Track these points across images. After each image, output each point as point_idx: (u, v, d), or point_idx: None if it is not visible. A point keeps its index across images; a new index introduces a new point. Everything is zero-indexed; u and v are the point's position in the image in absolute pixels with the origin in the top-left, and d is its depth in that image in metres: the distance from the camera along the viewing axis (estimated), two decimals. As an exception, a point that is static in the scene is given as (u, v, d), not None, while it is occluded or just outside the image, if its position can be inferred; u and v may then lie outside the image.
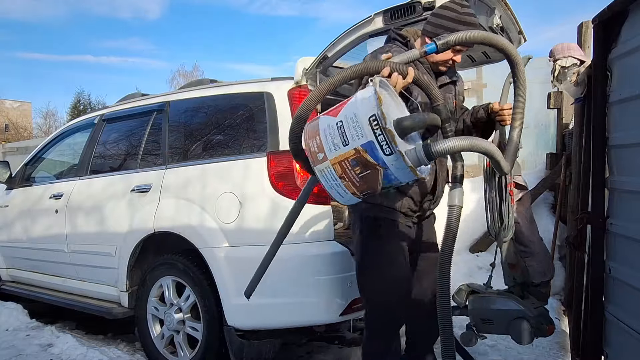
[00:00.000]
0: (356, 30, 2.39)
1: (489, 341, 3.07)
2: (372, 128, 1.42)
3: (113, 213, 3.11)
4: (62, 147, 4.11)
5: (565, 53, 2.61)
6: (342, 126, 1.49)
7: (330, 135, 1.51)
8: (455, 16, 1.91)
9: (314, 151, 1.55)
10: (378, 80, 1.53)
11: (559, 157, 4.31)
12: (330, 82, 1.61)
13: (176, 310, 2.77)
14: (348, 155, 1.47)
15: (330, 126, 1.52)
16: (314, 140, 1.56)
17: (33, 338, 3.34)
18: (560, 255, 4.08)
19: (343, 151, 1.48)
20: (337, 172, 1.51)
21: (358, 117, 1.46)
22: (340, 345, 3.26)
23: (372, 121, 1.43)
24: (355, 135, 1.46)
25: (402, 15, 2.25)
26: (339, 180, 1.52)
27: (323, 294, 2.39)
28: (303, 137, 1.62)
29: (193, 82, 3.55)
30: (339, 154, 1.49)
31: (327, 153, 1.51)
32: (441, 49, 1.68)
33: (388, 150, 1.42)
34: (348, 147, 1.47)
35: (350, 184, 1.52)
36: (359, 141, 1.45)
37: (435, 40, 1.67)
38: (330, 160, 1.51)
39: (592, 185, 2.21)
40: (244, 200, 2.49)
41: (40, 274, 3.82)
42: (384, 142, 1.42)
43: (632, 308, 1.84)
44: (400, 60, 1.69)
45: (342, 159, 1.49)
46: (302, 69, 2.53)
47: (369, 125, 1.43)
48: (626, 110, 1.94)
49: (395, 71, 1.63)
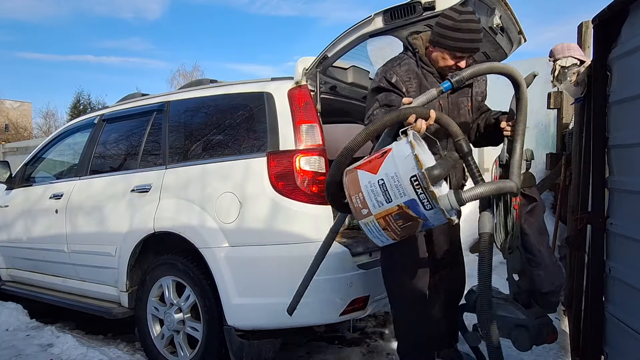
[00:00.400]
0: (356, 30, 2.39)
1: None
2: (414, 188, 1.61)
3: (113, 213, 3.11)
4: (62, 147, 4.11)
5: (565, 53, 2.61)
6: (384, 184, 1.66)
7: (373, 192, 1.68)
8: (452, 24, 2.01)
9: (357, 207, 1.71)
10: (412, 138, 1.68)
11: (559, 157, 4.31)
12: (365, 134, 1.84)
13: (176, 310, 2.77)
14: (391, 210, 1.65)
15: (372, 184, 1.69)
16: (357, 196, 1.71)
17: (33, 338, 3.34)
18: (560, 255, 4.08)
19: (386, 207, 1.65)
20: (380, 225, 1.69)
21: (399, 177, 1.63)
22: (340, 345, 3.26)
23: (413, 181, 1.61)
24: (398, 193, 1.64)
25: (402, 15, 2.25)
26: (382, 232, 1.70)
27: (323, 294, 2.39)
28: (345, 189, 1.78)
29: (193, 82, 3.55)
30: (382, 210, 1.66)
31: (371, 209, 1.68)
32: (456, 87, 1.86)
33: (429, 206, 1.62)
34: (391, 204, 1.65)
35: (392, 233, 1.70)
36: (401, 199, 1.63)
37: (450, 78, 1.85)
38: (374, 215, 1.68)
39: (592, 185, 2.21)
40: (244, 200, 2.49)
41: (40, 274, 3.82)
42: (425, 199, 1.61)
43: (632, 308, 1.84)
44: (420, 103, 1.84)
45: (386, 214, 1.66)
46: (302, 69, 2.53)
47: (411, 185, 1.61)
48: (626, 110, 1.94)
49: (419, 117, 1.78)
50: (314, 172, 2.42)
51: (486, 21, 2.44)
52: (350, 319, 2.67)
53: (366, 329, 3.53)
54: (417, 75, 2.16)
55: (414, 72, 2.17)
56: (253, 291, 2.46)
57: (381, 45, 2.92)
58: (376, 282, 2.59)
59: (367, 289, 2.52)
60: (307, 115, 2.48)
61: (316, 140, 2.45)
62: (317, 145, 2.45)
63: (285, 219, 2.39)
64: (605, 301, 2.11)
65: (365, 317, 2.99)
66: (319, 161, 2.44)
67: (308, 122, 2.47)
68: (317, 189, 2.41)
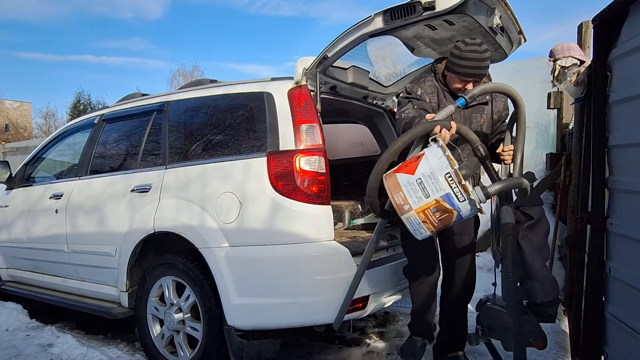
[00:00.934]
0: (356, 30, 2.39)
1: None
2: (448, 183, 1.90)
3: (113, 213, 3.11)
4: (62, 147, 4.11)
5: (565, 53, 2.61)
6: (421, 182, 1.94)
7: (412, 190, 1.95)
8: (458, 53, 2.36)
9: (399, 204, 1.98)
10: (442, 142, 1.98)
11: (559, 157, 4.31)
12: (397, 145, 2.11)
13: (176, 310, 2.76)
14: (430, 205, 1.92)
15: (411, 183, 1.96)
16: (398, 195, 1.98)
17: (33, 338, 3.34)
18: (560, 255, 4.08)
19: (425, 202, 1.93)
20: (420, 218, 1.95)
21: (435, 175, 1.92)
22: (340, 345, 3.26)
23: (447, 178, 1.91)
24: (435, 189, 1.92)
25: (402, 15, 2.25)
26: (422, 224, 1.96)
27: (323, 294, 2.39)
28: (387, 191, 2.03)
29: (193, 82, 3.54)
30: (422, 204, 1.93)
31: (412, 204, 1.95)
32: (469, 102, 2.20)
33: (462, 198, 1.90)
34: (429, 199, 1.92)
35: (430, 225, 1.96)
36: (438, 194, 1.91)
37: (464, 95, 2.19)
38: (415, 210, 1.95)
39: (592, 185, 2.21)
40: (244, 200, 2.49)
41: (40, 274, 3.82)
42: (458, 192, 1.90)
43: (632, 308, 1.84)
44: (442, 116, 2.16)
45: (425, 208, 1.93)
46: (302, 69, 2.53)
47: (445, 181, 1.90)
48: (626, 110, 1.94)
49: (443, 128, 2.10)
50: (314, 172, 2.42)
51: (486, 21, 2.44)
52: (350, 319, 2.67)
53: (366, 329, 3.53)
54: (437, 91, 2.55)
55: (435, 88, 2.55)
56: (253, 291, 2.46)
57: (381, 45, 2.92)
58: (376, 282, 2.59)
59: (367, 289, 2.52)
60: (307, 115, 2.48)
61: (316, 140, 2.45)
62: (317, 145, 2.45)
63: (285, 219, 2.39)
64: (605, 301, 2.11)
65: (365, 317, 2.99)
66: (319, 161, 2.43)
67: (308, 122, 2.47)
68: (317, 189, 2.41)
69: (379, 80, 3.34)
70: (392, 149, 2.11)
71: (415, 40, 2.71)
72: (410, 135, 2.11)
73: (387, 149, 2.13)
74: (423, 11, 2.19)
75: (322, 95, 2.63)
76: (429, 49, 2.85)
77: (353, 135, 4.10)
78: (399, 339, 3.30)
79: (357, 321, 3.58)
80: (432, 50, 2.88)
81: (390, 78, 3.43)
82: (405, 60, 3.18)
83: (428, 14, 2.20)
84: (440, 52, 2.91)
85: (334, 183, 2.57)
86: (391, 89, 3.47)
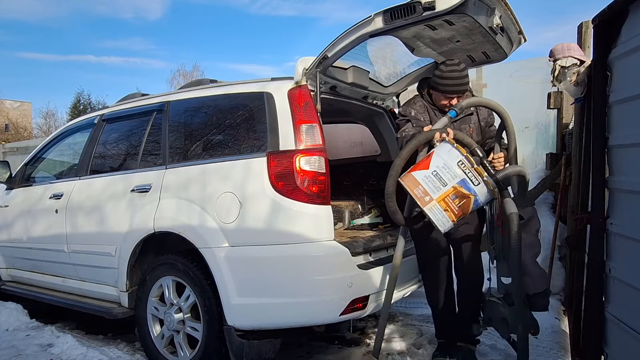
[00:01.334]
0: (356, 30, 2.39)
1: (488, 341, 3.09)
2: (462, 169, 2.11)
3: (113, 213, 3.11)
4: (62, 147, 4.11)
5: (565, 53, 2.61)
6: (437, 174, 2.13)
7: (430, 182, 2.14)
8: (440, 74, 2.67)
9: (420, 196, 2.16)
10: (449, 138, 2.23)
11: (559, 157, 4.31)
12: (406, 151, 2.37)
13: (176, 310, 2.77)
14: (448, 192, 2.11)
15: (427, 176, 2.15)
16: (417, 188, 2.16)
17: (33, 338, 3.34)
18: (560, 255, 4.08)
19: (444, 190, 2.12)
20: (442, 207, 2.13)
21: (448, 164, 2.12)
22: (340, 345, 3.26)
23: (460, 165, 2.12)
24: (450, 177, 2.11)
25: (402, 15, 2.25)
26: (444, 213, 2.13)
27: (323, 294, 2.39)
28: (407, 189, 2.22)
29: (193, 82, 3.54)
30: (441, 193, 2.12)
31: (432, 194, 2.13)
32: (459, 113, 2.54)
33: (477, 182, 2.11)
34: (447, 187, 2.12)
35: (451, 214, 2.14)
36: (454, 180, 2.11)
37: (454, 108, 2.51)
38: (435, 199, 2.13)
39: (592, 185, 2.21)
40: (244, 200, 2.49)
41: (40, 274, 3.82)
42: (472, 177, 2.11)
43: (632, 308, 1.84)
44: (438, 127, 2.44)
45: (445, 196, 2.12)
46: (302, 69, 2.53)
47: (459, 167, 2.12)
48: (626, 110, 1.94)
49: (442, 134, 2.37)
50: (314, 172, 2.42)
51: (486, 21, 2.44)
52: (350, 319, 2.67)
53: (366, 329, 3.53)
54: (427, 109, 2.84)
55: (425, 107, 2.84)
56: (253, 291, 2.46)
57: (381, 45, 2.93)
58: (376, 282, 2.59)
59: (367, 289, 2.52)
60: (307, 115, 2.48)
61: (316, 140, 2.45)
62: (317, 145, 2.45)
63: (285, 219, 2.39)
64: (605, 301, 2.11)
65: (365, 317, 2.99)
66: (319, 161, 2.44)
67: (308, 122, 2.47)
68: (317, 189, 2.41)
69: (379, 80, 3.34)
70: (402, 154, 2.36)
71: (415, 40, 2.71)
72: (415, 142, 2.38)
73: (398, 155, 2.38)
74: (423, 11, 2.19)
75: (322, 95, 2.63)
76: (429, 49, 2.85)
77: (353, 135, 4.10)
78: (399, 339, 3.31)
79: (357, 321, 3.58)
80: (432, 50, 2.88)
81: (390, 78, 3.43)
82: (405, 60, 3.18)
83: (428, 14, 2.20)
84: (440, 52, 2.91)
85: (334, 183, 2.57)
86: (391, 89, 3.47)
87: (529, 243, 2.44)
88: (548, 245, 3.91)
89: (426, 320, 3.62)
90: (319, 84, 2.56)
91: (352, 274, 2.45)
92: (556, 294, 3.79)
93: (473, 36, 2.62)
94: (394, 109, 3.60)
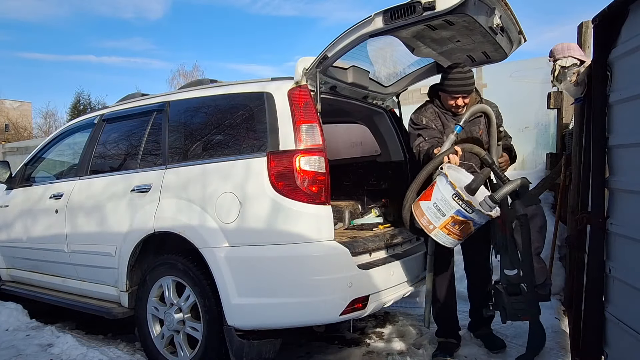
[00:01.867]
0: (356, 30, 2.39)
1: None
2: (456, 202, 2.34)
3: (113, 213, 3.11)
4: (62, 147, 4.11)
5: (565, 53, 2.61)
6: (437, 205, 2.40)
7: (432, 212, 2.42)
8: (446, 76, 2.82)
9: (426, 225, 2.45)
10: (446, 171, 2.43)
11: (559, 157, 4.31)
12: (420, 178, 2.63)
13: (176, 310, 2.77)
14: (447, 221, 2.38)
15: (429, 207, 2.43)
16: (423, 218, 2.46)
17: (33, 338, 3.34)
18: (560, 255, 4.08)
19: (443, 220, 2.39)
20: (444, 232, 2.42)
21: (445, 197, 2.36)
22: (340, 345, 3.26)
23: (454, 197, 2.34)
24: (448, 208, 2.36)
25: (402, 15, 2.25)
26: (448, 236, 2.44)
27: (323, 294, 2.39)
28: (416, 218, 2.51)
29: (193, 82, 3.54)
30: (442, 222, 2.39)
31: (435, 223, 2.42)
32: (463, 126, 2.76)
33: (470, 211, 2.34)
34: (446, 217, 2.37)
35: (455, 236, 2.44)
36: (451, 211, 2.36)
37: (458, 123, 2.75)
38: (438, 227, 2.41)
39: (592, 185, 2.21)
40: (244, 200, 2.49)
41: (40, 274, 3.82)
42: (465, 207, 2.33)
43: (632, 308, 1.84)
44: (447, 146, 2.66)
45: (445, 224, 2.39)
46: (302, 69, 2.53)
47: (453, 200, 2.34)
48: (626, 110, 1.94)
49: (451, 155, 2.59)
50: (314, 172, 2.42)
51: (486, 21, 2.44)
52: (350, 319, 2.67)
53: (366, 329, 3.53)
54: (438, 115, 2.95)
55: (436, 113, 2.96)
56: (253, 291, 2.46)
57: (381, 45, 2.93)
58: (376, 282, 2.59)
59: (367, 289, 2.52)
60: (307, 115, 2.48)
61: (316, 140, 2.45)
62: (317, 145, 2.45)
63: (285, 219, 2.39)
64: (605, 301, 2.11)
65: (365, 317, 2.99)
66: (319, 161, 2.43)
67: (308, 122, 2.47)
68: (317, 189, 2.41)
69: (379, 80, 3.34)
70: (417, 180, 2.64)
71: (415, 40, 2.71)
72: (426, 172, 2.61)
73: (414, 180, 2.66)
74: (423, 11, 2.19)
75: (322, 95, 2.63)
76: (429, 49, 2.86)
77: (353, 135, 4.10)
78: (399, 339, 3.31)
79: (357, 321, 3.58)
80: (432, 50, 2.88)
81: (390, 78, 3.43)
82: (405, 60, 3.18)
83: (428, 14, 2.20)
84: (440, 52, 2.91)
85: (334, 183, 2.57)
86: (391, 89, 3.47)
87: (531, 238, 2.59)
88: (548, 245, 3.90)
89: (426, 320, 3.62)
90: (319, 84, 2.56)
91: (352, 274, 2.45)
92: (556, 294, 3.79)
93: (473, 36, 2.62)
94: (394, 109, 3.60)
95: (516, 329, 3.29)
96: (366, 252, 2.71)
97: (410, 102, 5.24)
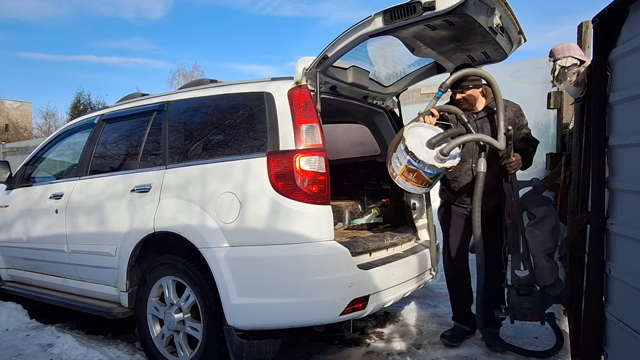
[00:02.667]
0: (356, 30, 2.39)
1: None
2: (405, 153, 2.63)
3: (113, 213, 3.11)
4: (62, 147, 4.11)
5: (565, 53, 2.61)
6: (397, 156, 2.71)
7: (395, 161, 2.73)
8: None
9: (391, 172, 2.78)
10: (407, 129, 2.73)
11: (559, 157, 4.31)
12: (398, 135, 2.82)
13: (176, 310, 2.77)
14: (403, 169, 2.67)
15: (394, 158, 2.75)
16: (390, 167, 2.78)
17: (33, 338, 3.34)
18: (560, 255, 4.08)
19: (401, 168, 2.69)
20: (403, 179, 2.71)
21: (401, 150, 2.67)
22: (340, 345, 3.26)
23: (404, 150, 2.64)
24: (402, 158, 2.66)
25: (402, 15, 2.25)
26: (407, 183, 2.70)
27: (323, 294, 2.39)
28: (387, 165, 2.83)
29: (193, 82, 3.54)
30: (399, 170, 2.70)
31: (396, 171, 2.73)
32: (444, 91, 2.84)
33: (416, 161, 2.60)
34: (402, 165, 2.68)
35: (412, 182, 2.70)
36: (404, 161, 2.65)
37: (440, 88, 2.85)
38: (398, 174, 2.72)
39: (592, 185, 2.21)
40: (244, 200, 2.49)
41: (40, 274, 3.82)
42: (412, 157, 2.60)
43: (632, 308, 1.84)
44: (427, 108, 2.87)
45: (402, 172, 2.69)
46: (302, 69, 2.53)
47: (404, 152, 2.64)
48: (626, 110, 1.94)
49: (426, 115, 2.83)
50: (314, 172, 2.42)
51: (486, 21, 2.44)
52: (350, 319, 2.67)
53: (366, 329, 3.53)
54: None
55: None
56: (253, 291, 2.46)
57: (381, 45, 2.93)
58: (376, 282, 2.59)
59: (367, 289, 2.52)
60: (307, 115, 2.48)
61: (316, 140, 2.45)
62: (317, 145, 2.45)
63: (285, 219, 2.39)
64: (605, 301, 2.11)
65: (365, 317, 2.99)
66: (319, 161, 2.44)
67: (308, 122, 2.47)
68: (317, 189, 2.41)
69: (379, 80, 3.34)
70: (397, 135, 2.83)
71: (415, 40, 2.71)
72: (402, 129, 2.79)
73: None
74: (423, 11, 2.19)
75: (322, 95, 2.63)
76: (429, 49, 2.86)
77: (353, 135, 4.10)
78: (399, 339, 3.31)
79: (357, 321, 3.58)
80: (432, 50, 2.88)
81: (390, 78, 3.43)
82: (405, 60, 3.18)
83: (428, 14, 2.20)
84: (440, 52, 2.91)
85: (334, 183, 2.57)
86: (391, 89, 3.47)
87: (541, 240, 2.72)
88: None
89: (426, 320, 3.63)
90: (319, 84, 2.56)
91: (352, 274, 2.45)
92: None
93: (473, 36, 2.62)
94: (394, 109, 3.60)
95: (517, 329, 3.29)
96: (366, 252, 2.71)
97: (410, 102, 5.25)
